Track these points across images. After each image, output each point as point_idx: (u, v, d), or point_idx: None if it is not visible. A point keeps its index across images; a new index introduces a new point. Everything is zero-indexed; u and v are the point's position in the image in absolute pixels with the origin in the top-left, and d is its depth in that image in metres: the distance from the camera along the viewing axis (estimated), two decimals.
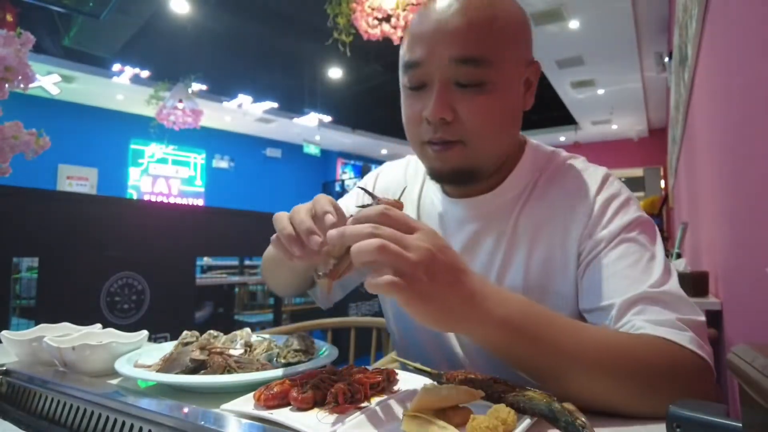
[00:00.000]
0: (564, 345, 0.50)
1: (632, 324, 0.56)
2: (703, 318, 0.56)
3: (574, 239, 0.64)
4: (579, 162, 0.71)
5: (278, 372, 0.58)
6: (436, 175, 0.67)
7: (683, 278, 1.93)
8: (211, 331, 0.71)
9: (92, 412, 0.53)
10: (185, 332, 0.70)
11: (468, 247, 0.70)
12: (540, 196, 0.68)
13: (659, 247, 0.61)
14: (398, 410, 0.47)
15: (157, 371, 0.60)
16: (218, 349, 0.63)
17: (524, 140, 0.73)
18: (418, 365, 0.59)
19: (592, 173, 0.68)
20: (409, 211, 0.78)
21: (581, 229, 0.64)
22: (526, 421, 0.43)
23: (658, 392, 0.48)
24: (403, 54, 0.64)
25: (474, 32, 0.59)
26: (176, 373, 0.59)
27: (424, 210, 0.78)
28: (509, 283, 0.67)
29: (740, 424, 0.35)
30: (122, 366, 0.60)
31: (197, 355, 0.61)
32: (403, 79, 0.65)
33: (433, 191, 0.77)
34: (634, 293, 0.57)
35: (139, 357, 0.66)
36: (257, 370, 0.60)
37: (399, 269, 0.42)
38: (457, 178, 0.66)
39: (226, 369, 0.60)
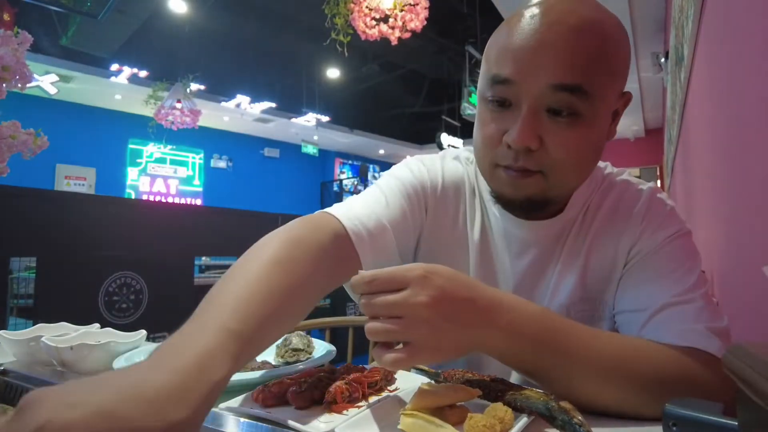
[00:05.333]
0: (574, 350, 0.50)
1: (659, 330, 0.56)
2: (728, 325, 0.57)
3: (623, 250, 0.65)
4: (626, 176, 0.72)
5: (276, 371, 0.58)
6: (505, 200, 0.62)
7: None
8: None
9: None
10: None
11: (534, 269, 0.69)
12: (593, 214, 0.68)
13: (697, 259, 0.62)
14: (396, 409, 0.47)
15: None
16: None
17: None
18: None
19: (640, 189, 0.69)
20: (476, 222, 0.72)
21: (629, 240, 0.65)
22: (523, 420, 0.43)
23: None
24: (491, 66, 0.58)
25: (582, 58, 0.53)
26: None
27: (490, 224, 0.72)
28: (561, 298, 0.66)
29: (736, 423, 0.36)
30: (120, 365, 0.60)
31: None
32: (485, 92, 0.59)
33: (492, 204, 0.70)
34: (665, 299, 0.57)
35: (138, 356, 0.66)
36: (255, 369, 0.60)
37: (399, 340, 0.46)
38: (529, 207, 0.62)
39: None
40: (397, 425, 0.43)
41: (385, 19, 3.22)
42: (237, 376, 0.57)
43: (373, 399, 0.51)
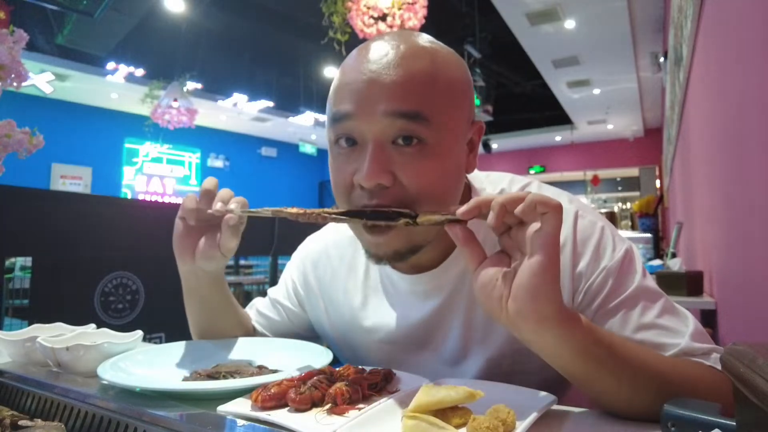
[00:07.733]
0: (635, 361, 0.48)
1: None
2: (696, 326, 0.58)
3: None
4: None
5: (275, 375, 0.58)
6: (373, 256, 0.59)
7: (678, 278, 1.93)
8: None
9: (86, 413, 0.53)
10: None
11: (437, 318, 0.66)
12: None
13: (648, 277, 0.60)
14: (397, 411, 0.47)
15: None
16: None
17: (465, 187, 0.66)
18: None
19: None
20: (358, 283, 0.72)
21: (564, 278, 0.59)
22: (527, 421, 0.43)
23: None
24: (331, 107, 0.58)
25: (412, 85, 0.53)
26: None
27: (372, 282, 0.71)
28: (491, 351, 0.63)
29: (734, 423, 0.36)
30: (105, 371, 0.57)
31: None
32: (331, 134, 0.58)
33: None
34: (632, 330, 0.56)
35: (133, 357, 0.65)
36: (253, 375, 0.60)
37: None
38: (399, 259, 0.58)
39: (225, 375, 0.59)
40: (398, 428, 0.43)
41: (383, 17, 3.22)
42: (235, 383, 0.56)
43: (374, 400, 0.51)
